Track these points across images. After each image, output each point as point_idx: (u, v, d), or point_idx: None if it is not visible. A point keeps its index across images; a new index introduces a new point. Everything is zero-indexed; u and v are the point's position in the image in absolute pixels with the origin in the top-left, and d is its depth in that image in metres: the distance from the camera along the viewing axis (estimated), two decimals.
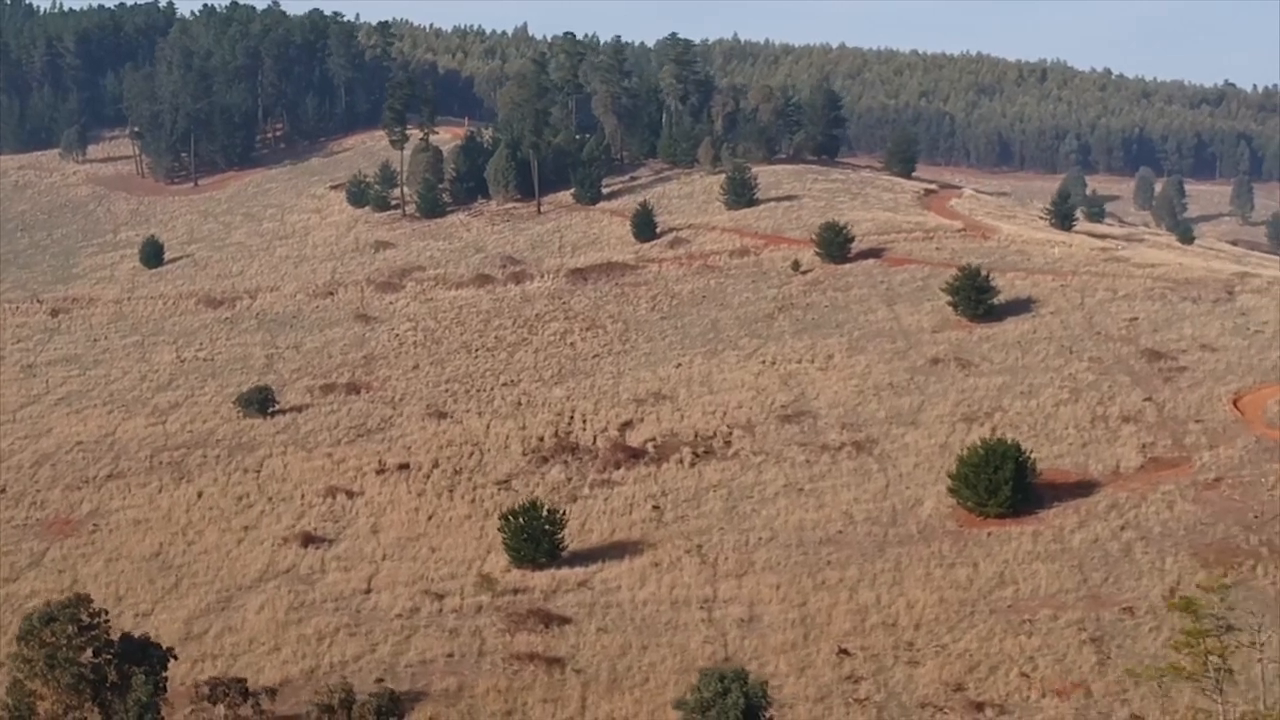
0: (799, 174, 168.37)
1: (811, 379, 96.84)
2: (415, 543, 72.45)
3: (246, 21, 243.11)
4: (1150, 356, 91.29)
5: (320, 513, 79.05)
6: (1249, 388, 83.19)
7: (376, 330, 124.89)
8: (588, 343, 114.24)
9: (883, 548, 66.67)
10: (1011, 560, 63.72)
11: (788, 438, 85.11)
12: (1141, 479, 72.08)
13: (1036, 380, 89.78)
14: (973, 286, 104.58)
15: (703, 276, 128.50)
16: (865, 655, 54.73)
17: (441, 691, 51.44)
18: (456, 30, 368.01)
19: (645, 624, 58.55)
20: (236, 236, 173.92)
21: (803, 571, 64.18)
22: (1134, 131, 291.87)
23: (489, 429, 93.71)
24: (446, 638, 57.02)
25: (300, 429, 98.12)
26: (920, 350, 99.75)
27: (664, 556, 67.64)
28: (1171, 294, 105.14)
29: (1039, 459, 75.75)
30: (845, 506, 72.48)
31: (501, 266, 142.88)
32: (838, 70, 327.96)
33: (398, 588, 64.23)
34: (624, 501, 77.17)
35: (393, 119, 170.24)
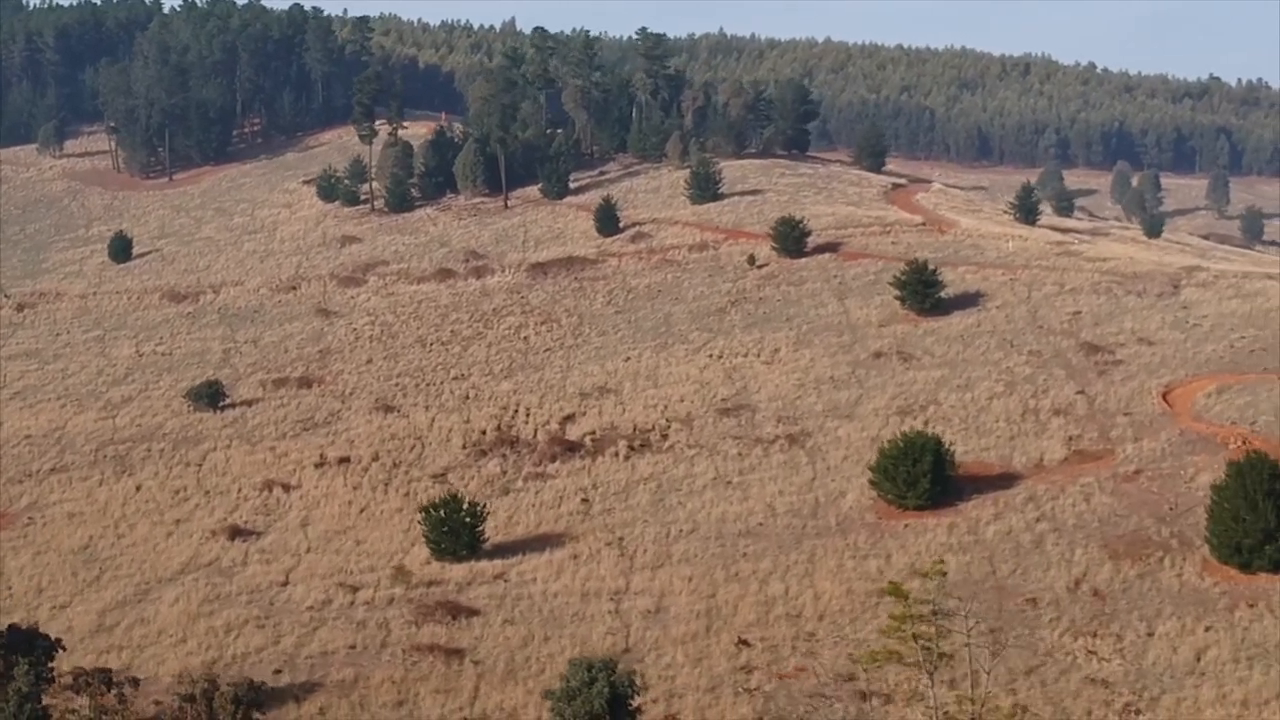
0: (766, 168, 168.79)
1: (755, 373, 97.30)
2: (342, 536, 72.95)
3: (225, 16, 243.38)
4: (1088, 350, 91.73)
5: (254, 506, 79.53)
6: (1180, 381, 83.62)
7: (335, 325, 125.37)
8: (541, 337, 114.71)
9: (800, 540, 67.13)
10: (924, 552, 64.11)
11: (724, 431, 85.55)
12: (1064, 471, 72.52)
13: (974, 374, 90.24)
14: (920, 281, 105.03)
15: (660, 271, 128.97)
16: (764, 646, 55.18)
17: (337, 682, 51.91)
18: (444, 25, 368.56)
19: (552, 616, 59.03)
20: (206, 231, 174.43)
21: (717, 564, 64.63)
22: (1113, 125, 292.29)
23: (433, 423, 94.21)
24: (353, 630, 57.53)
25: (248, 423, 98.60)
26: (865, 344, 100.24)
27: (584, 549, 68.08)
28: (1117, 288, 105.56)
29: (966, 452, 76.33)
30: (769, 499, 72.92)
31: (464, 261, 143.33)
32: (821, 65, 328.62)
33: (314, 580, 64.71)
34: (554, 494, 77.61)
35: (361, 114, 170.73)
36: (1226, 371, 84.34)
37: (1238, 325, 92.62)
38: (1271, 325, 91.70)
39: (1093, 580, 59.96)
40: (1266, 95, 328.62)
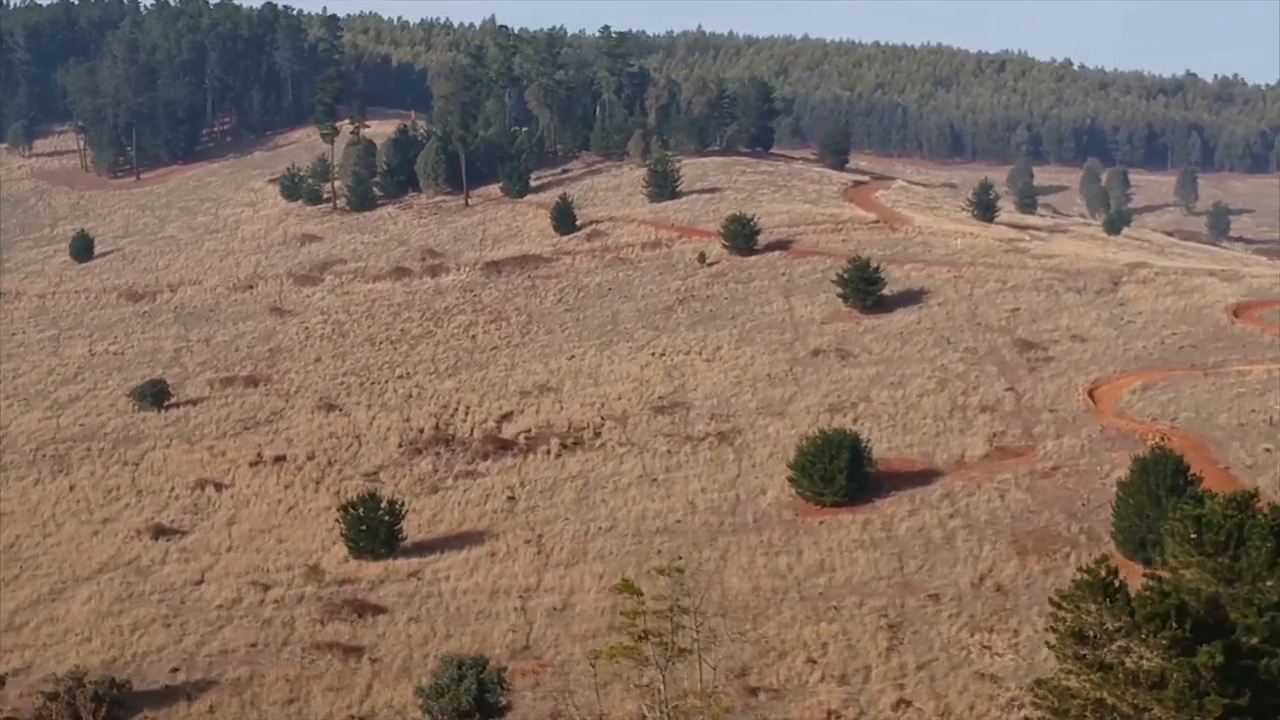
0: (727, 166, 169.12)
1: (695, 370, 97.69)
2: (265, 535, 73.25)
3: (196, 15, 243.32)
4: (1022, 347, 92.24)
5: (183, 505, 79.78)
6: (1108, 378, 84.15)
7: (288, 324, 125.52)
8: (489, 335, 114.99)
9: (715, 537, 67.53)
10: (835, 548, 64.59)
11: (656, 429, 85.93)
12: (983, 468, 73.00)
13: (908, 371, 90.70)
14: (862, 278, 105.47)
15: (613, 269, 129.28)
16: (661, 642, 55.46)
17: (232, 681, 52.24)
18: (423, 23, 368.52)
19: (458, 614, 59.40)
20: (169, 230, 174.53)
21: (631, 561, 65.00)
22: (1085, 122, 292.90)
23: (373, 421, 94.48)
24: (257, 628, 57.85)
25: (190, 422, 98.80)
26: (806, 342, 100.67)
27: (502, 547, 68.46)
28: (1059, 285, 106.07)
29: (890, 448, 76.90)
30: (691, 496, 73.31)
31: (421, 259, 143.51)
32: (797, 62, 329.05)
33: (229, 579, 65.03)
34: (482, 492, 77.95)
35: (323, 112, 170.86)
36: (1154, 368, 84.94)
37: (1170, 322, 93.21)
38: (1204, 322, 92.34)
39: (997, 576, 60.42)
40: (1241, 92, 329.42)
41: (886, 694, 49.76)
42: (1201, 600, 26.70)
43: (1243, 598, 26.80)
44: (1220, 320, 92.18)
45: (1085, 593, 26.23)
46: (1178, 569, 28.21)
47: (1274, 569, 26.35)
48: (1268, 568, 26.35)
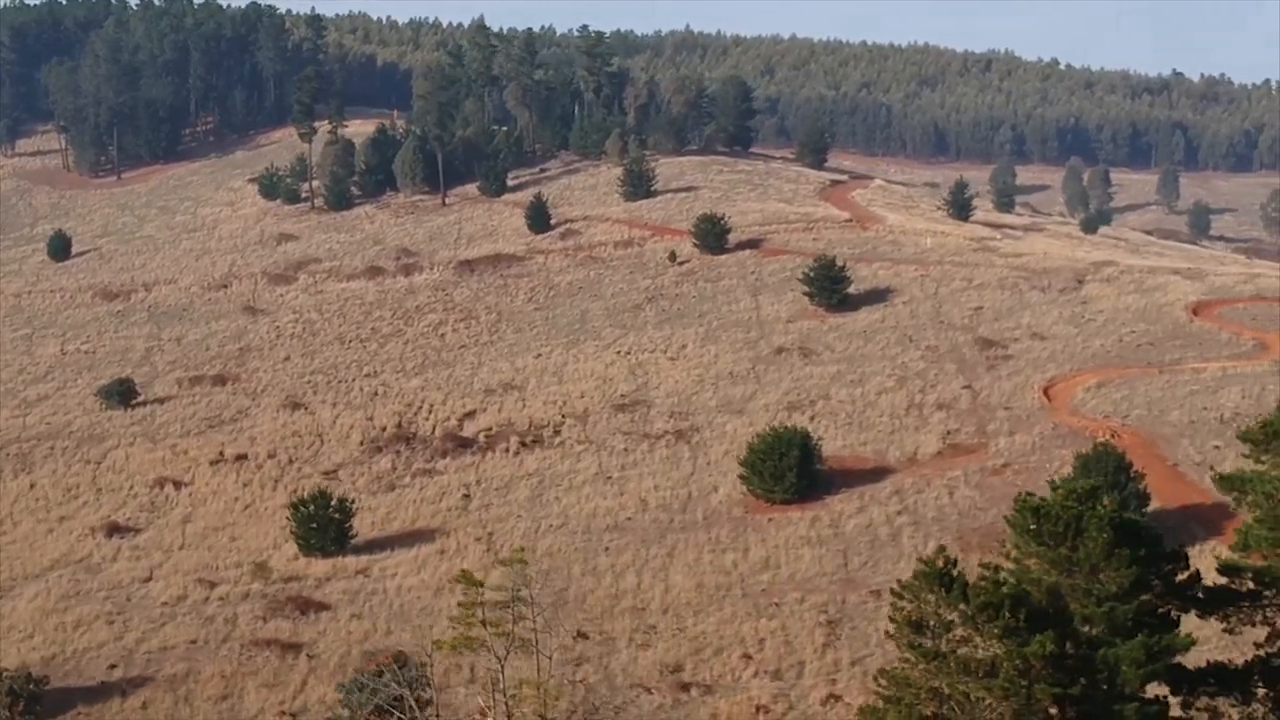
0: (704, 165, 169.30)
1: (659, 368, 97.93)
2: (219, 532, 73.43)
3: (180, 15, 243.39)
4: (983, 345, 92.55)
5: (141, 503, 79.95)
6: (1064, 375, 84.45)
7: (259, 323, 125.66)
8: (458, 334, 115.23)
9: (664, 534, 67.76)
10: (782, 545, 64.84)
11: (616, 426, 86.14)
12: (935, 465, 73.26)
13: (869, 369, 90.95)
14: (827, 277, 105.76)
15: (585, 268, 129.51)
16: (602, 638, 55.83)
17: (167, 677, 52.45)
18: (411, 23, 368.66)
19: (401, 610, 59.63)
20: (147, 230, 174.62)
21: (578, 558, 65.23)
22: (1069, 121, 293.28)
23: (336, 420, 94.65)
24: (199, 625, 58.05)
25: (155, 420, 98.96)
26: (770, 340, 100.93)
27: (453, 544, 68.70)
28: (1023, 283, 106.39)
29: (844, 446, 77.22)
30: (644, 494, 73.54)
31: (396, 259, 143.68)
32: (783, 62, 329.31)
33: (177, 576, 65.22)
34: (438, 490, 78.17)
35: (300, 112, 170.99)
36: (1111, 366, 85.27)
37: (1130, 320, 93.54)
38: (1163, 320, 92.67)
39: None
40: (1227, 91, 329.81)
41: (818, 689, 50.02)
42: (1042, 590, 27.00)
43: (1081, 588, 27.07)
44: (1179, 318, 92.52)
45: (923, 583, 26.51)
46: (1020, 560, 28.52)
47: (1111, 560, 26.64)
48: (1104, 558, 26.62)
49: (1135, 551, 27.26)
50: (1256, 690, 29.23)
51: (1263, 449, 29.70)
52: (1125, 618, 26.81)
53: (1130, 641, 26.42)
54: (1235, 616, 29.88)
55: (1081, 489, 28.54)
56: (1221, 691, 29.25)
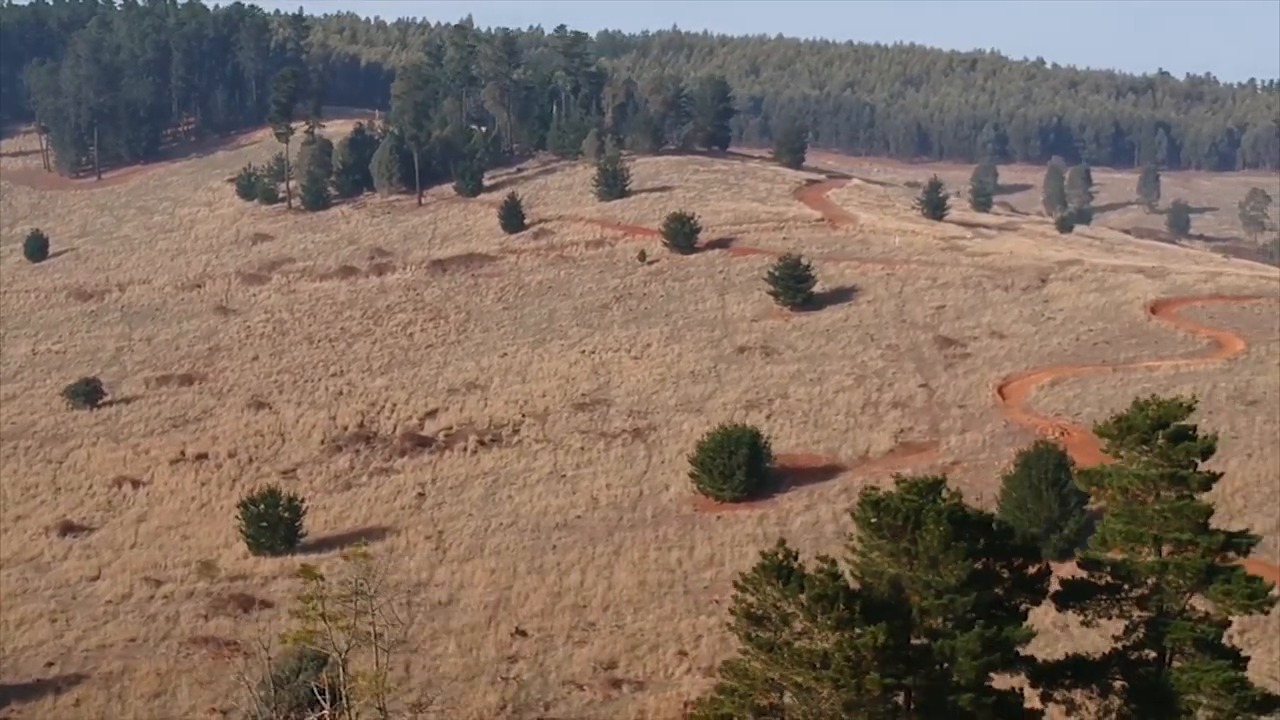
0: (680, 165, 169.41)
1: (621, 368, 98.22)
2: (172, 531, 73.67)
3: (162, 15, 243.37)
4: (942, 343, 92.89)
5: (98, 502, 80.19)
6: (1020, 374, 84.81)
7: (230, 322, 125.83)
8: (426, 333, 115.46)
9: (612, 532, 68.06)
10: (728, 543, 65.15)
11: (574, 425, 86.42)
12: (885, 463, 73.49)
13: (829, 368, 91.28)
14: (792, 276, 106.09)
15: (556, 267, 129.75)
16: (540, 636, 56.10)
17: (104, 675, 52.70)
18: (399, 23, 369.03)
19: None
20: (125, 230, 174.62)
21: (525, 556, 65.54)
22: (1052, 121, 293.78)
23: (299, 419, 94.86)
24: (141, 623, 58.29)
25: (119, 420, 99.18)
26: (734, 339, 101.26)
27: (402, 542, 68.99)
28: (987, 282, 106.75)
29: (798, 444, 77.58)
30: (596, 492, 73.86)
31: (369, 258, 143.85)
32: (769, 61, 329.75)
33: (124, 575, 65.43)
34: (393, 489, 78.45)
35: (278, 112, 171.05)
36: (1067, 364, 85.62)
37: (1089, 318, 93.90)
38: (1121, 318, 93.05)
39: None
40: (1211, 90, 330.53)
41: None
42: (884, 582, 27.30)
43: (921, 580, 27.36)
44: (1137, 317, 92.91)
45: (763, 576, 26.83)
46: (865, 553, 28.83)
47: (948, 552, 26.94)
48: (942, 551, 26.92)
49: (974, 544, 27.61)
50: (1114, 682, 29.58)
51: (1119, 444, 30.04)
52: (964, 609, 27.15)
53: (967, 633, 26.77)
54: (1093, 610, 30.23)
55: (922, 483, 28.86)
56: (1079, 683, 29.59)
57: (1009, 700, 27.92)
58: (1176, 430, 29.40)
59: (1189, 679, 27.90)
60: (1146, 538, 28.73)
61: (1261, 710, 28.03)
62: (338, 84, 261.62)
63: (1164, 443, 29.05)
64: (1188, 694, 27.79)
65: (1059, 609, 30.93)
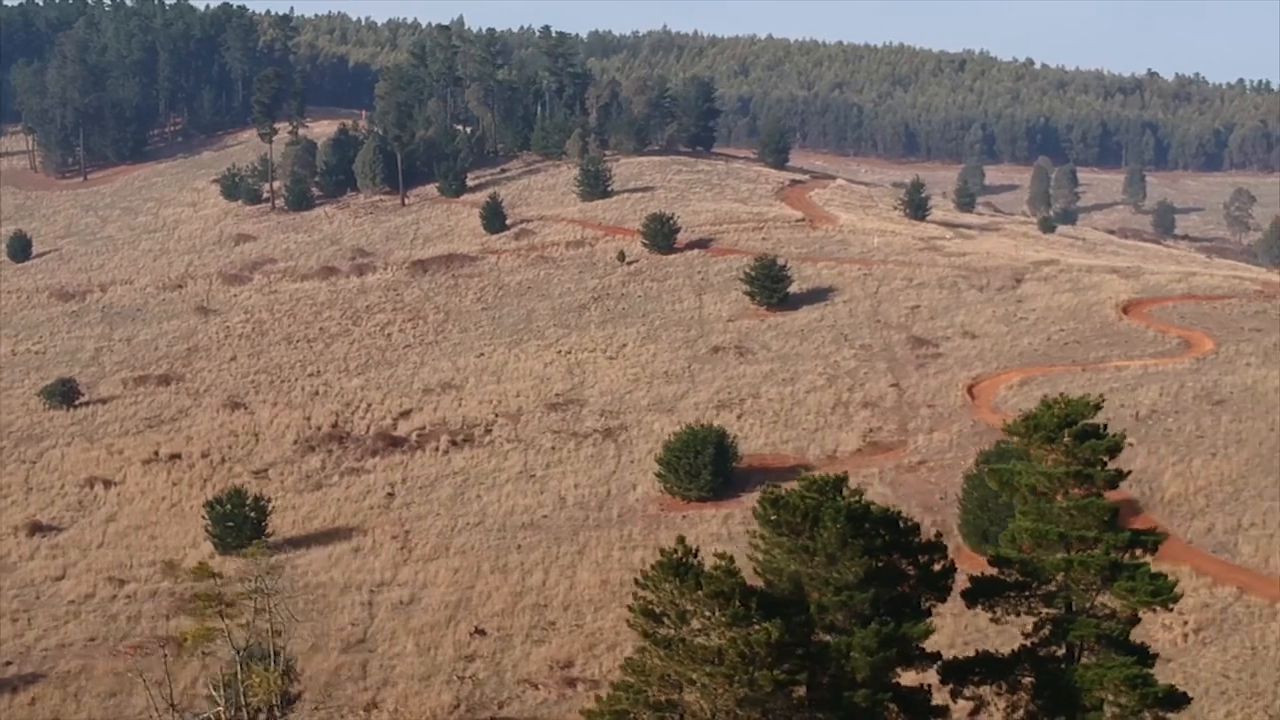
0: (664, 165, 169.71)
1: (596, 367, 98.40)
2: (140, 531, 73.80)
3: (149, 16, 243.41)
4: (915, 343, 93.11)
5: (68, 502, 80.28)
6: (990, 374, 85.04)
7: (210, 323, 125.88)
8: (404, 334, 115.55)
9: (578, 531, 68.23)
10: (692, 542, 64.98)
11: (546, 425, 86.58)
12: (853, 463, 73.67)
13: (801, 368, 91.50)
14: (767, 276, 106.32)
15: (536, 267, 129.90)
16: (499, 635, 56.27)
17: (62, 674, 52.88)
18: (389, 24, 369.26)
19: (305, 608, 59.95)
20: (109, 230, 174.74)
21: (490, 555, 65.70)
22: (1039, 121, 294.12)
23: (274, 419, 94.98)
24: (102, 622, 58.45)
25: (95, 420, 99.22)
26: (709, 339, 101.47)
27: (369, 542, 69.12)
28: (963, 282, 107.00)
29: (767, 444, 77.79)
30: (564, 492, 74.04)
31: (351, 259, 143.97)
32: (758, 61, 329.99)
33: (89, 575, 65.59)
34: (363, 489, 78.60)
35: (260, 112, 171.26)
36: (1037, 364, 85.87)
37: (1061, 318, 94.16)
38: (1093, 318, 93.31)
39: None
40: (1199, 91, 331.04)
41: None
42: (784, 579, 27.52)
43: (820, 577, 27.59)
44: (1109, 317, 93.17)
45: (661, 573, 27.04)
46: (767, 549, 29.03)
47: (846, 549, 27.16)
48: (839, 548, 27.14)
49: (872, 541, 27.83)
50: (1022, 679, 29.78)
51: (1027, 442, 30.24)
52: (863, 606, 27.37)
53: (863, 629, 26.98)
54: (1001, 607, 30.45)
55: (822, 480, 29.09)
56: (988, 680, 29.80)
57: (915, 697, 28.14)
58: (1083, 428, 29.64)
59: (1093, 675, 28.11)
60: (1053, 535, 28.98)
61: (1166, 706, 28.25)
62: (325, 84, 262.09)
63: (1070, 440, 29.31)
64: (1092, 690, 27.99)
65: (968, 606, 31.16)
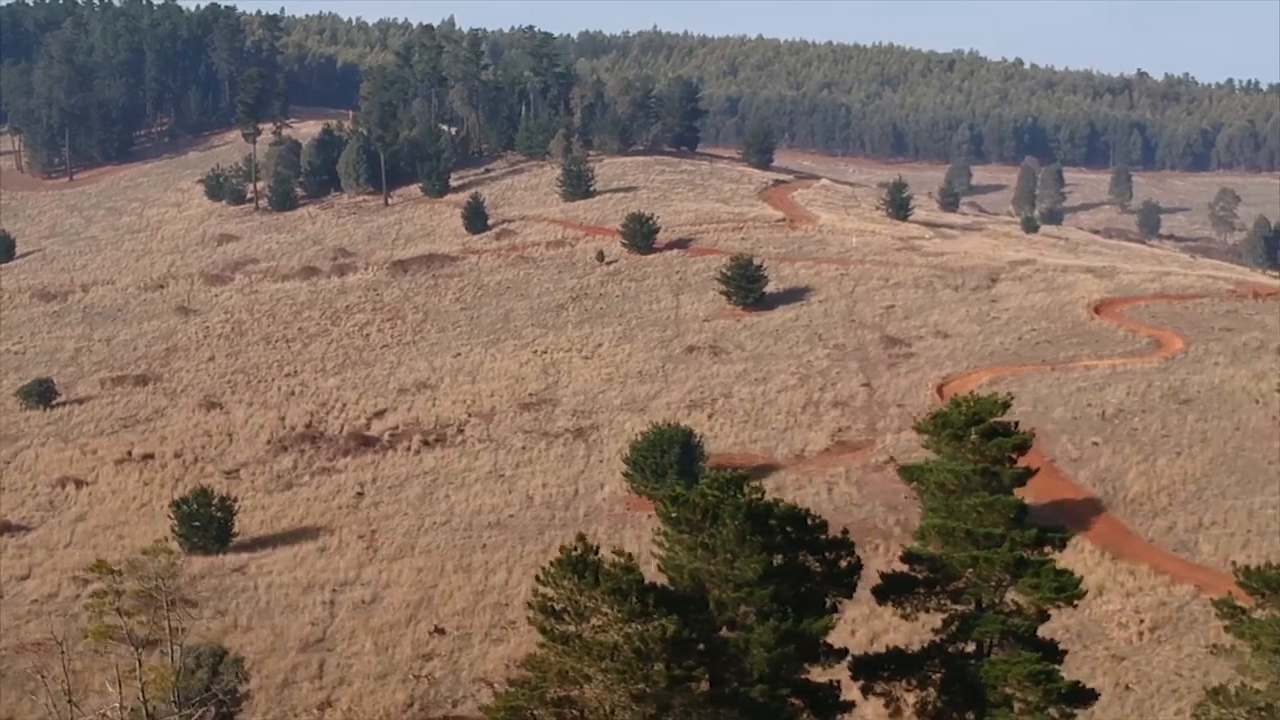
0: (647, 165, 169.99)
1: (571, 367, 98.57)
2: (109, 531, 73.86)
3: (136, 16, 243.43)
4: (888, 343, 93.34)
5: (39, 502, 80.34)
6: (960, 373, 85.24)
7: (189, 323, 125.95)
8: (383, 334, 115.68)
9: (543, 530, 68.37)
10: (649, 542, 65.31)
11: (519, 425, 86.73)
12: (820, 462, 73.99)
13: (775, 367, 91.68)
14: (744, 276, 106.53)
15: (516, 267, 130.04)
16: (459, 634, 56.41)
17: (18, 674, 52.95)
18: (380, 24, 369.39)
19: (266, 607, 60.16)
20: (93, 230, 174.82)
21: (454, 554, 65.82)
22: (1027, 121, 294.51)
23: (249, 419, 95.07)
24: (63, 622, 58.41)
25: (71, 420, 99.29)
26: (684, 339, 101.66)
27: (335, 541, 69.21)
28: (938, 282, 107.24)
29: (736, 443, 77.98)
30: (532, 491, 74.19)
31: (332, 259, 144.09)
32: (748, 62, 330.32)
33: (54, 574, 65.67)
34: (333, 488, 78.70)
35: (244, 113, 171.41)
36: (1007, 363, 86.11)
37: (1033, 318, 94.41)
38: (1064, 318, 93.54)
39: None
40: (1188, 91, 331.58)
41: None
42: (686, 576, 27.73)
43: (721, 574, 27.80)
44: (1080, 316, 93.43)
45: (561, 570, 27.24)
46: (670, 547, 29.24)
47: (745, 546, 27.36)
48: (738, 544, 27.33)
49: (771, 538, 28.01)
50: (932, 675, 29.98)
51: (937, 439, 30.44)
52: (763, 602, 27.57)
53: (762, 625, 27.18)
54: (911, 604, 30.65)
55: (723, 478, 29.28)
56: (899, 676, 30.00)
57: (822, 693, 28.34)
58: (990, 426, 29.87)
59: (998, 671, 28.31)
60: (960, 532, 29.18)
61: (1071, 702, 28.43)
62: (313, 84, 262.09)
63: (977, 438, 29.54)
64: (997, 686, 28.20)
65: (879, 603, 31.38)
